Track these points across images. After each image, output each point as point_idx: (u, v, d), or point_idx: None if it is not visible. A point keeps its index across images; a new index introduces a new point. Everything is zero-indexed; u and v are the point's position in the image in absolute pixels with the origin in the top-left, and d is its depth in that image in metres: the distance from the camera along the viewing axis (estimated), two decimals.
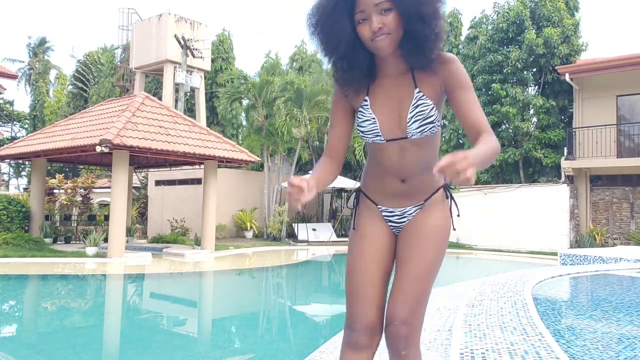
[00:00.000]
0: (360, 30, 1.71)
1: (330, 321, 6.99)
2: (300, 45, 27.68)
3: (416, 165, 1.87)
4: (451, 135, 20.79)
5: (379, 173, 1.94)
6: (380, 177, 1.95)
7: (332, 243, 18.56)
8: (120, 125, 12.11)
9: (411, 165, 1.87)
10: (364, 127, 1.86)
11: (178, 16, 24.71)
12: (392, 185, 1.92)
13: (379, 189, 1.97)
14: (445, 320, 4.70)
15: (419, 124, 1.79)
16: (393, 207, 1.96)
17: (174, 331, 6.28)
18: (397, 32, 1.69)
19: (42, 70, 39.57)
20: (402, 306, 1.82)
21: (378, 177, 1.96)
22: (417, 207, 1.95)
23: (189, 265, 12.40)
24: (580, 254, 9.92)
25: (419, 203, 1.95)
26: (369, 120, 1.84)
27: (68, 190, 17.40)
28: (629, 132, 16.76)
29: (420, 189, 1.93)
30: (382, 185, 1.95)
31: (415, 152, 1.84)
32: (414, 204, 1.95)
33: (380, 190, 1.97)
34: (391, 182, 1.92)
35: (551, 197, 17.08)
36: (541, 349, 3.11)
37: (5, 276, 10.02)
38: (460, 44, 21.55)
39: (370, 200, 2.01)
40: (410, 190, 1.92)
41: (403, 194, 1.93)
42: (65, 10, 73.84)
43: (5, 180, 37.59)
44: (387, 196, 1.96)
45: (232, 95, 20.11)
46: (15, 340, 5.66)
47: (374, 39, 1.69)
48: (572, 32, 18.08)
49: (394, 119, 1.81)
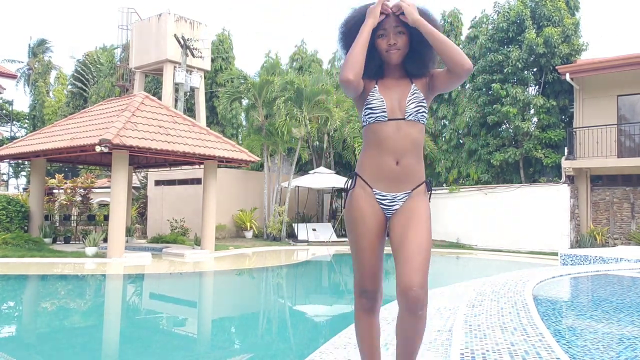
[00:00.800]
0: (379, 42, 2.36)
1: (330, 321, 6.97)
2: (300, 45, 27.66)
3: (408, 146, 2.32)
4: (451, 135, 20.77)
5: (377, 154, 2.35)
6: (377, 158, 2.34)
7: (332, 243, 18.55)
8: (120, 125, 12.09)
9: (404, 144, 2.31)
10: (373, 105, 2.34)
11: (178, 16, 24.69)
12: (388, 166, 2.32)
13: (376, 170, 2.35)
14: (446, 320, 4.68)
15: (415, 104, 2.33)
16: (385, 192, 2.36)
17: (174, 331, 6.26)
18: (404, 49, 2.36)
19: (42, 71, 39.54)
20: (416, 274, 2.18)
21: (375, 158, 2.35)
22: (405, 195, 2.37)
23: (188, 266, 12.39)
24: (581, 254, 9.90)
25: (407, 191, 2.37)
26: (378, 99, 2.34)
27: (67, 190, 17.39)
28: (629, 132, 16.75)
29: (410, 175, 2.35)
30: (379, 166, 2.34)
31: (408, 133, 2.32)
32: (402, 192, 2.36)
33: (376, 172, 2.35)
34: (387, 162, 2.32)
35: (552, 197, 17.06)
36: (542, 349, 3.09)
37: (4, 276, 10.01)
38: (460, 43, 21.52)
39: (365, 183, 2.38)
40: (402, 173, 2.33)
41: (395, 177, 2.34)
42: (65, 10, 73.88)
43: (5, 180, 37.58)
44: (382, 179, 2.35)
45: (232, 95, 20.08)
46: (15, 340, 5.65)
47: (389, 51, 2.34)
48: (573, 31, 18.05)
49: (395, 102, 2.34)
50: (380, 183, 2.35)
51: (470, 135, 20.05)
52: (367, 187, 2.38)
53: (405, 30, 2.33)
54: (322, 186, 19.72)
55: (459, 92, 20.69)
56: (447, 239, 19.18)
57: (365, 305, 2.46)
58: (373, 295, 2.43)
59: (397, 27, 2.32)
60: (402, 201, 2.37)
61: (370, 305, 2.46)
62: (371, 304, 2.45)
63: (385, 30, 2.33)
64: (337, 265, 14.30)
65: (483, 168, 19.42)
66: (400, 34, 2.33)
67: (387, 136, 2.30)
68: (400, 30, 2.32)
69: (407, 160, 2.32)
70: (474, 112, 19.12)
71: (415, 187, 2.37)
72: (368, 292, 2.43)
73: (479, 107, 19.04)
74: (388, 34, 2.33)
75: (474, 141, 19.79)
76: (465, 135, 20.39)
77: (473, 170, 19.62)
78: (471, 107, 19.27)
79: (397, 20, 2.32)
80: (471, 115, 19.20)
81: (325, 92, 18.88)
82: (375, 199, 2.37)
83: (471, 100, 19.55)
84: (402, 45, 2.33)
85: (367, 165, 2.38)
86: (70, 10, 74.35)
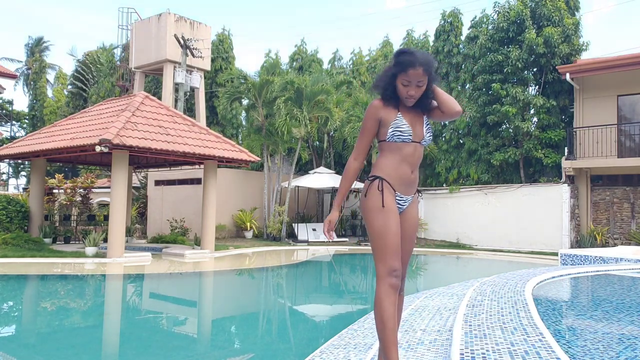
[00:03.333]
0: (401, 88, 2.89)
1: (330, 321, 6.98)
2: (300, 45, 27.65)
3: (419, 162, 3.00)
4: (451, 135, 20.77)
5: (398, 165, 2.93)
6: (399, 168, 2.93)
7: (332, 243, 18.55)
8: (120, 125, 12.09)
9: (417, 161, 2.98)
10: (402, 129, 2.91)
11: (178, 16, 24.69)
12: (407, 174, 2.94)
13: (398, 177, 2.93)
14: (446, 320, 4.68)
15: (430, 134, 3.03)
16: (403, 194, 2.97)
17: (174, 331, 6.26)
18: (418, 97, 2.93)
19: (38, 70, 39.50)
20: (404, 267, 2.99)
21: (397, 167, 2.93)
22: (410, 198, 3.02)
23: (188, 265, 12.39)
24: (581, 254, 9.90)
25: (412, 195, 3.02)
26: (406, 125, 2.92)
27: (67, 190, 17.39)
28: (629, 131, 16.74)
29: (415, 184, 3.01)
30: (401, 174, 2.93)
31: (420, 152, 2.99)
32: (410, 195, 3.01)
33: (399, 178, 2.93)
34: (406, 171, 2.94)
35: (552, 197, 17.07)
36: (542, 349, 3.09)
37: (4, 276, 10.01)
38: (460, 43, 21.52)
39: (391, 187, 2.92)
40: (413, 181, 2.98)
41: (410, 182, 2.96)
42: (65, 9, 73.84)
43: (5, 180, 37.59)
44: (402, 184, 2.94)
45: (232, 95, 20.08)
46: (15, 340, 5.65)
47: (407, 98, 2.91)
48: (573, 31, 18.05)
49: (417, 130, 2.97)
50: (401, 187, 2.94)
51: (470, 135, 20.05)
52: (392, 189, 2.92)
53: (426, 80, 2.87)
54: (322, 186, 19.72)
55: (459, 92, 20.69)
56: (447, 239, 19.18)
57: (394, 284, 2.79)
58: (400, 274, 2.84)
59: (419, 81, 2.84)
60: (408, 203, 3.01)
61: (399, 283, 2.83)
62: (399, 282, 2.83)
63: (410, 82, 2.85)
64: (337, 265, 14.30)
65: (483, 168, 19.42)
66: (419, 86, 2.86)
67: (409, 154, 2.93)
68: (420, 84, 2.86)
69: (416, 172, 2.99)
70: (474, 112, 19.12)
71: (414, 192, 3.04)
72: (397, 271, 2.80)
73: (479, 107, 19.03)
74: (411, 85, 2.86)
75: (474, 141, 19.79)
76: (465, 135, 20.39)
77: (473, 170, 19.62)
78: (471, 107, 19.27)
79: (422, 75, 2.84)
80: (471, 115, 19.20)
81: (325, 92, 18.87)
82: (395, 199, 2.93)
83: (471, 100, 19.55)
84: (418, 95, 2.90)
85: (391, 173, 2.93)
86: (70, 10, 74.30)
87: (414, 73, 2.81)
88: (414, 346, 3.81)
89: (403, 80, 2.86)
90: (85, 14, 73.78)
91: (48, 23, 70.44)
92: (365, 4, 76.29)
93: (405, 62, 2.84)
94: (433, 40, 22.30)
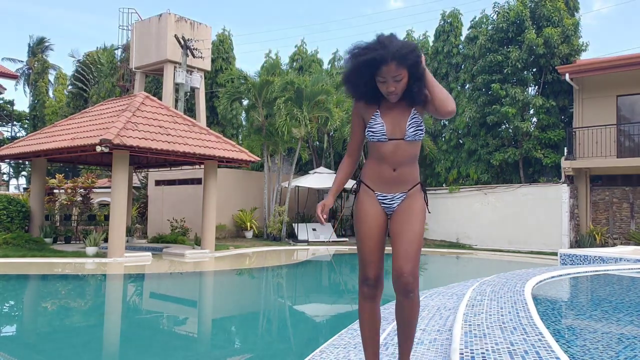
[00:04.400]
0: (380, 86, 2.64)
1: (330, 321, 6.99)
2: (300, 45, 27.66)
3: (405, 160, 2.74)
4: (451, 135, 20.78)
5: (377, 165, 2.77)
6: (377, 167, 2.77)
7: (332, 243, 18.56)
8: (120, 125, 12.10)
9: (401, 158, 2.73)
10: (375, 129, 2.72)
11: (178, 16, 24.69)
12: (387, 172, 2.75)
13: (377, 176, 2.78)
14: (445, 320, 4.70)
15: (414, 129, 2.72)
16: (386, 192, 2.79)
17: (174, 331, 6.28)
18: (402, 91, 2.65)
19: (40, 70, 39.49)
20: (406, 263, 2.63)
21: (376, 167, 2.78)
22: (402, 194, 2.79)
23: (189, 265, 12.40)
24: (580, 254, 9.91)
25: (404, 191, 2.79)
26: (379, 124, 2.72)
27: (68, 190, 17.40)
28: (629, 132, 16.76)
29: (406, 179, 2.77)
30: (379, 174, 2.77)
31: (405, 150, 2.73)
32: (400, 192, 2.79)
33: (377, 178, 2.78)
34: (386, 170, 2.75)
35: (551, 197, 17.08)
36: (541, 349, 3.11)
37: (5, 276, 10.03)
38: (460, 43, 21.54)
39: (368, 187, 2.81)
40: (399, 177, 2.75)
41: (394, 181, 2.76)
42: (65, 10, 73.83)
43: (5, 180, 37.60)
44: (382, 183, 2.77)
45: (232, 95, 20.09)
46: (15, 340, 5.66)
47: (388, 94, 2.64)
48: (572, 32, 18.06)
49: (395, 126, 2.72)
50: (381, 186, 2.79)
51: (470, 136, 20.06)
52: (370, 190, 2.81)
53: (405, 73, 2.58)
54: (322, 186, 19.72)
55: (459, 92, 20.70)
56: (447, 239, 19.19)
57: (366, 293, 2.79)
58: (373, 284, 2.78)
59: (395, 76, 2.56)
60: (400, 200, 2.79)
61: (371, 293, 2.79)
62: (372, 292, 2.79)
63: (385, 78, 2.58)
64: (337, 265, 14.32)
65: (483, 168, 19.43)
66: (397, 81, 2.58)
67: (387, 153, 2.72)
68: (398, 78, 2.57)
69: (403, 168, 2.75)
70: (474, 112, 19.13)
71: (410, 188, 2.80)
72: (368, 280, 2.77)
73: (478, 107, 19.05)
74: (387, 82, 2.59)
75: (473, 141, 19.80)
76: (465, 135, 20.40)
77: (473, 170, 19.63)
78: (471, 107, 19.28)
79: (396, 69, 2.55)
80: (471, 116, 19.21)
81: (325, 92, 18.88)
82: (377, 200, 2.81)
83: (471, 101, 19.56)
84: (400, 89, 2.62)
85: (370, 173, 2.81)
86: (70, 10, 74.28)
87: (386, 69, 2.54)
88: (414, 346, 3.82)
89: (378, 77, 2.60)
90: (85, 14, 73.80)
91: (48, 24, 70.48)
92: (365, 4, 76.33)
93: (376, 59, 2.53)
94: (433, 41, 22.32)
